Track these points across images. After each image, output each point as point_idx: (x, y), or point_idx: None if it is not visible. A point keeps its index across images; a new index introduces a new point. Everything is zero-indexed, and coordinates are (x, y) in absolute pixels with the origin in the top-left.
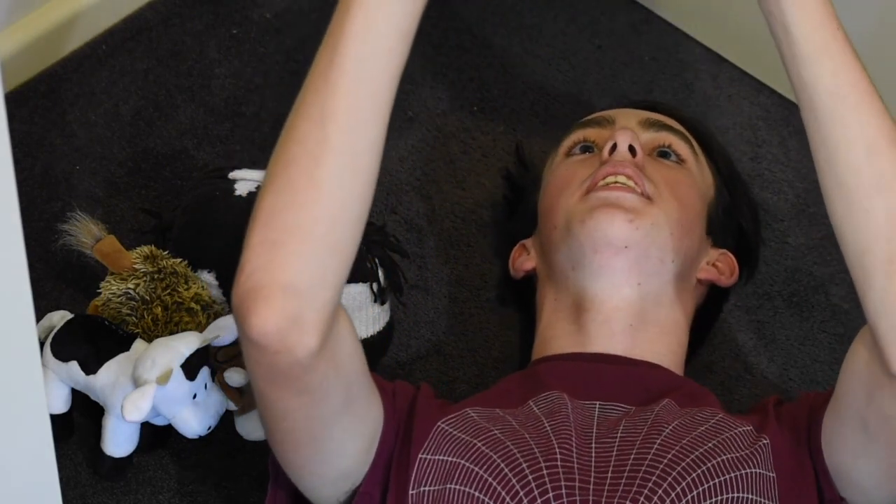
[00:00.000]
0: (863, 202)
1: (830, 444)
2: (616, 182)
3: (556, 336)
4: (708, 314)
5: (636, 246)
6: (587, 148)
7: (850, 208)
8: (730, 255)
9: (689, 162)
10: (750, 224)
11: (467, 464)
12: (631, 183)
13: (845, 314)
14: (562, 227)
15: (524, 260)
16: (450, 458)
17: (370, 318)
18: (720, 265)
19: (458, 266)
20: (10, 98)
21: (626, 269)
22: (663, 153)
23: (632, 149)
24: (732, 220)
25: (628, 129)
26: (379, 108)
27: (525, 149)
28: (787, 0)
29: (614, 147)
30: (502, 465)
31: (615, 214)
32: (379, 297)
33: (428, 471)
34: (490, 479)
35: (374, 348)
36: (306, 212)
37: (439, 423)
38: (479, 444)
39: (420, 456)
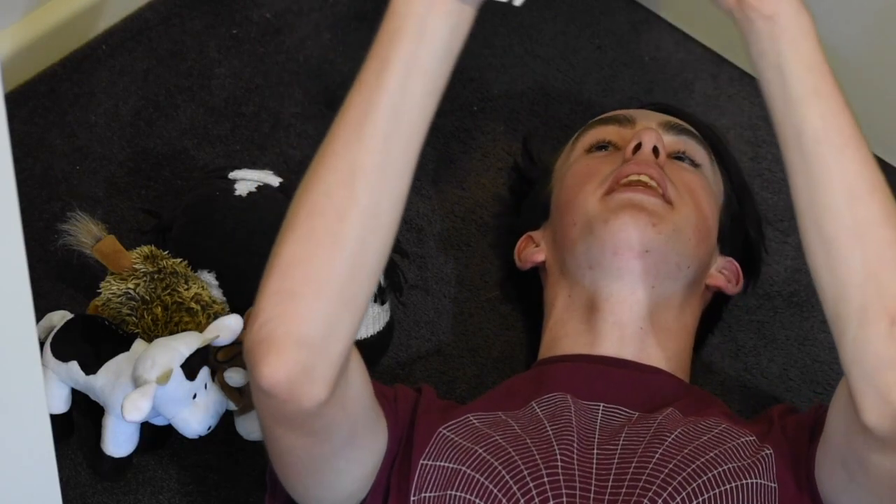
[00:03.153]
0: (841, 249)
1: (819, 473)
2: (639, 181)
3: (567, 335)
4: (709, 319)
5: (657, 251)
6: (606, 146)
7: (828, 254)
8: (735, 263)
9: (706, 167)
10: (756, 234)
11: (468, 470)
12: (654, 184)
13: None
14: (582, 225)
15: (533, 251)
16: (451, 465)
17: (370, 318)
18: (727, 273)
19: (458, 266)
20: (10, 98)
21: (643, 273)
22: (681, 157)
23: (655, 150)
24: (740, 228)
25: (653, 130)
26: (409, 163)
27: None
28: (783, 40)
29: (638, 146)
30: (503, 471)
31: (639, 217)
32: (379, 297)
33: (429, 477)
34: (490, 486)
35: (374, 348)
36: (325, 267)
37: (440, 430)
38: (479, 451)
39: (421, 462)
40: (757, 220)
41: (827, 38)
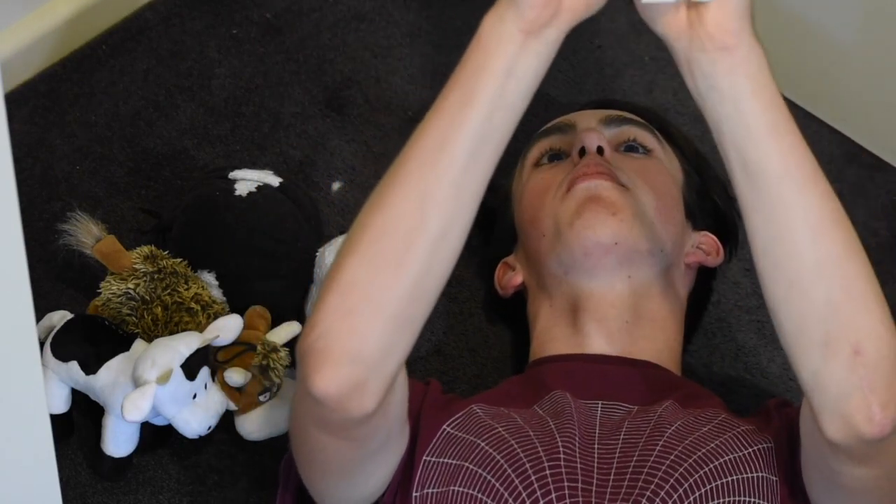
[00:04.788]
0: (803, 285)
1: (804, 478)
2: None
3: (555, 338)
4: (699, 297)
5: (624, 240)
6: (555, 156)
7: (789, 291)
8: (711, 235)
9: (657, 151)
10: (723, 200)
11: (471, 466)
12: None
13: None
14: (550, 234)
15: (511, 276)
16: (453, 461)
17: None
18: (704, 247)
19: (458, 266)
20: (10, 98)
21: (617, 265)
22: (630, 147)
23: (599, 149)
24: (707, 199)
25: (593, 130)
26: (481, 192)
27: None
28: (740, 74)
29: (583, 150)
30: (505, 465)
31: (599, 212)
32: None
33: (431, 473)
34: (493, 480)
35: None
36: (387, 291)
37: (444, 427)
38: (482, 445)
39: (424, 458)
40: (721, 186)
41: (828, 38)
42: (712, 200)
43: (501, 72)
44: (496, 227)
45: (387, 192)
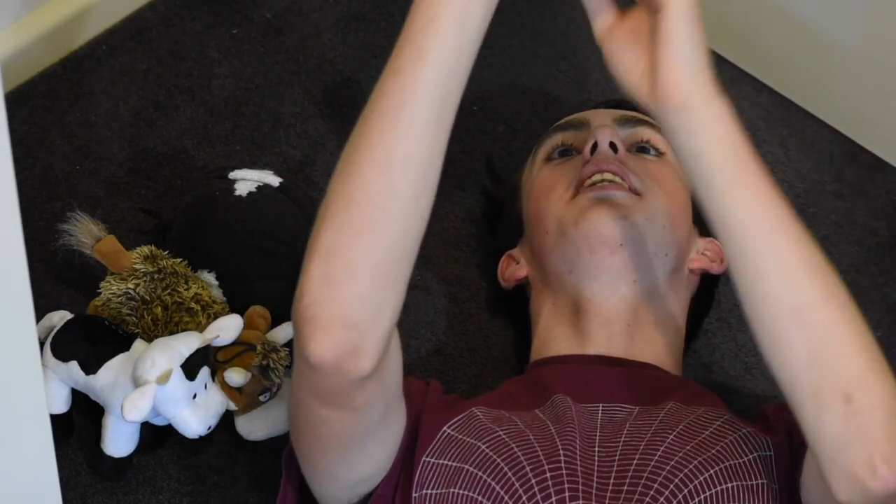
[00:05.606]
0: (783, 334)
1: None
2: (603, 180)
3: (555, 338)
4: (701, 303)
5: (631, 243)
6: (566, 152)
7: (770, 340)
8: (716, 242)
9: (669, 154)
10: None
11: (471, 468)
12: (618, 179)
13: None
14: (554, 232)
15: (514, 269)
16: (454, 464)
17: None
18: (709, 254)
19: (458, 266)
20: (10, 98)
21: (622, 268)
22: (642, 148)
23: (613, 146)
24: None
25: (607, 127)
26: (443, 145)
27: (497, 161)
28: (698, 130)
29: (595, 146)
30: (505, 468)
31: (609, 212)
32: None
33: (431, 474)
34: (493, 483)
35: None
36: (366, 254)
37: (445, 428)
38: (483, 447)
39: (424, 459)
40: None
41: (828, 38)
42: None
43: (454, 23)
44: (503, 218)
45: (351, 157)
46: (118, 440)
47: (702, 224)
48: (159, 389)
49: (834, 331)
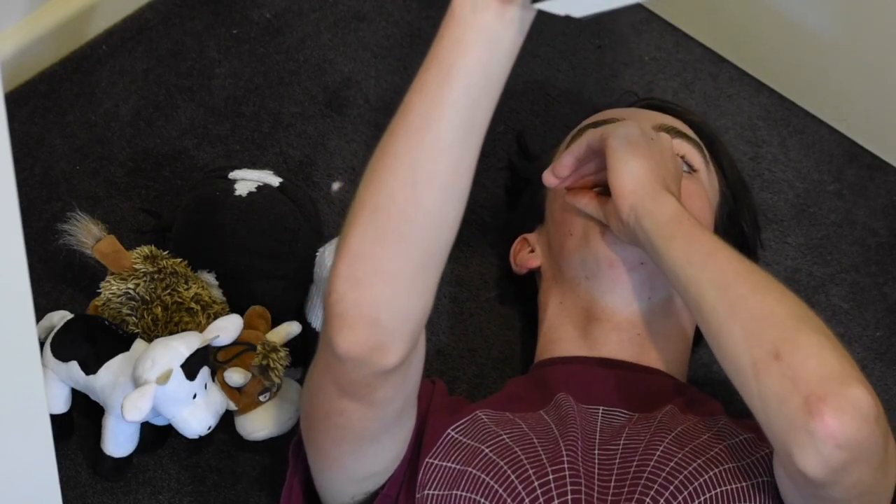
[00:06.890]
0: (723, 330)
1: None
2: None
3: (561, 339)
4: None
5: (651, 262)
6: None
7: (714, 338)
8: None
9: (701, 172)
10: (751, 229)
11: (474, 471)
12: None
13: (845, 314)
14: (578, 236)
15: (528, 257)
16: (457, 466)
17: None
18: None
19: (458, 266)
20: (10, 98)
21: (640, 284)
22: None
23: None
24: (735, 224)
25: None
26: (470, 161)
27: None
28: (639, 216)
29: None
30: (508, 471)
31: None
32: None
33: (434, 476)
34: (496, 486)
35: None
36: (391, 262)
37: (449, 431)
38: (486, 451)
39: (427, 460)
40: (752, 214)
41: (828, 38)
42: (740, 227)
43: (482, 44)
44: (524, 198)
45: (377, 169)
46: (118, 440)
47: None
48: (159, 389)
49: (755, 306)
